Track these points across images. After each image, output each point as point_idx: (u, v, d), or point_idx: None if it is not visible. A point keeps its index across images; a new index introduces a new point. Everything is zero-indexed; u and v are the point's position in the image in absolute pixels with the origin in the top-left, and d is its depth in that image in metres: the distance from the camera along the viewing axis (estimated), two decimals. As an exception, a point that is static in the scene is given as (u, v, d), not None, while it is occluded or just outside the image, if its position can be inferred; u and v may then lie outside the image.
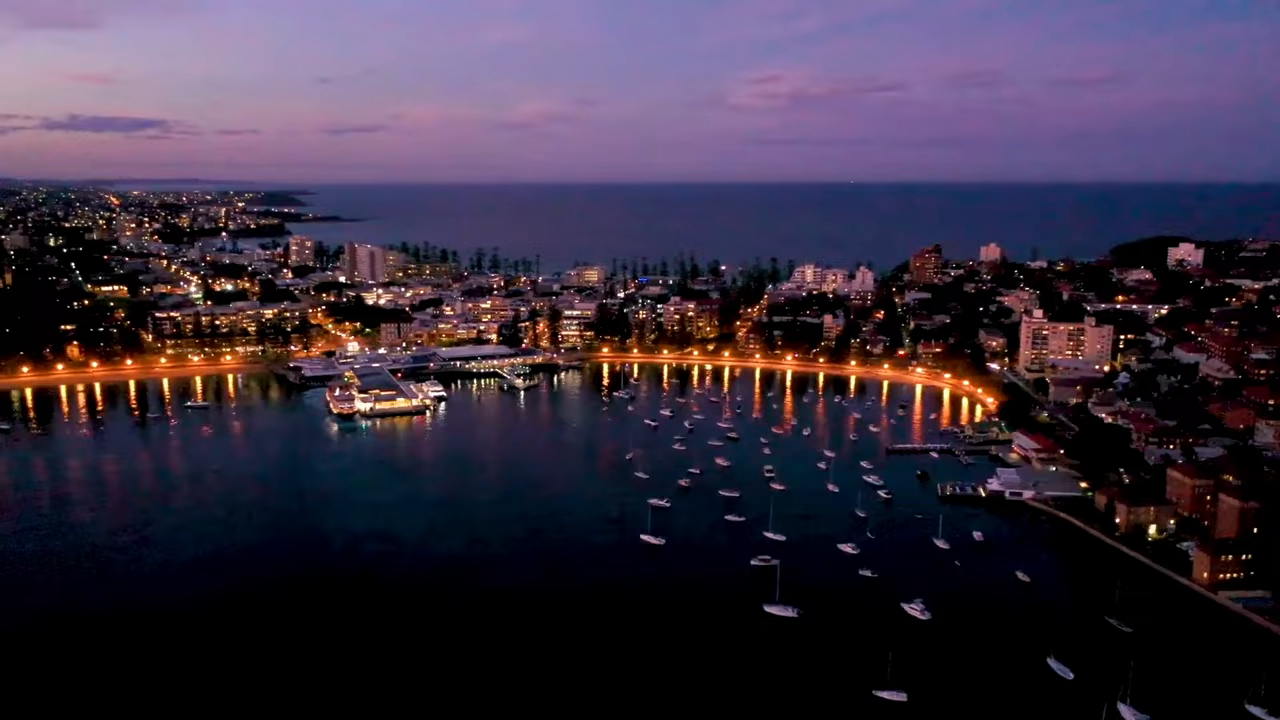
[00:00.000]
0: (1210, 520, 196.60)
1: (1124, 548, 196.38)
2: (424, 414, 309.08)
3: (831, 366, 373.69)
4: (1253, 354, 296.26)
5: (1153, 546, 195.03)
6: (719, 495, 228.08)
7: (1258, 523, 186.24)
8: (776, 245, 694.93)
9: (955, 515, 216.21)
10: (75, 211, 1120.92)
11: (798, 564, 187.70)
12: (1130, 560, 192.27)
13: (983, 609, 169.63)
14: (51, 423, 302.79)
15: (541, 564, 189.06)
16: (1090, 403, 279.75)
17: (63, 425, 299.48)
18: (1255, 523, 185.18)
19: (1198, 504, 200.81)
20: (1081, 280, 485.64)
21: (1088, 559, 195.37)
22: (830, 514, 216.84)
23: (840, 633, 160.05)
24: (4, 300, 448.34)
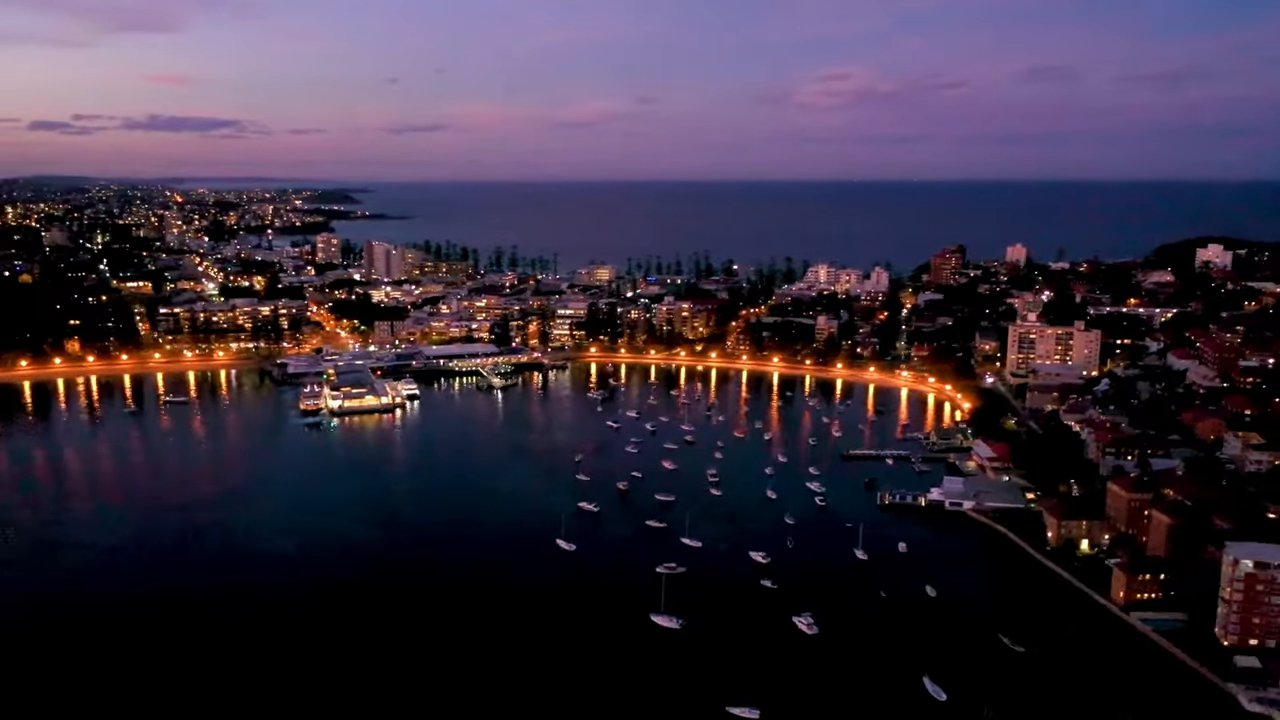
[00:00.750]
0: (1146, 537, 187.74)
1: (1050, 563, 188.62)
2: (393, 412, 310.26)
3: (818, 369, 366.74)
4: (1241, 361, 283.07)
5: (1081, 563, 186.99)
6: (654, 499, 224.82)
7: (1190, 541, 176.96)
8: (812, 244, 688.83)
9: (890, 525, 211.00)
10: (131, 209, 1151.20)
11: (705, 572, 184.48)
12: (1054, 576, 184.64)
13: (877, 624, 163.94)
14: (26, 415, 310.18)
15: (437, 565, 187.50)
16: (1062, 410, 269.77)
17: (35, 418, 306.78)
18: (1186, 541, 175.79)
19: (1134, 519, 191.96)
20: (1101, 281, 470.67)
21: (1009, 574, 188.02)
22: (757, 521, 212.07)
23: (717, 645, 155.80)
24: (23, 294, 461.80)
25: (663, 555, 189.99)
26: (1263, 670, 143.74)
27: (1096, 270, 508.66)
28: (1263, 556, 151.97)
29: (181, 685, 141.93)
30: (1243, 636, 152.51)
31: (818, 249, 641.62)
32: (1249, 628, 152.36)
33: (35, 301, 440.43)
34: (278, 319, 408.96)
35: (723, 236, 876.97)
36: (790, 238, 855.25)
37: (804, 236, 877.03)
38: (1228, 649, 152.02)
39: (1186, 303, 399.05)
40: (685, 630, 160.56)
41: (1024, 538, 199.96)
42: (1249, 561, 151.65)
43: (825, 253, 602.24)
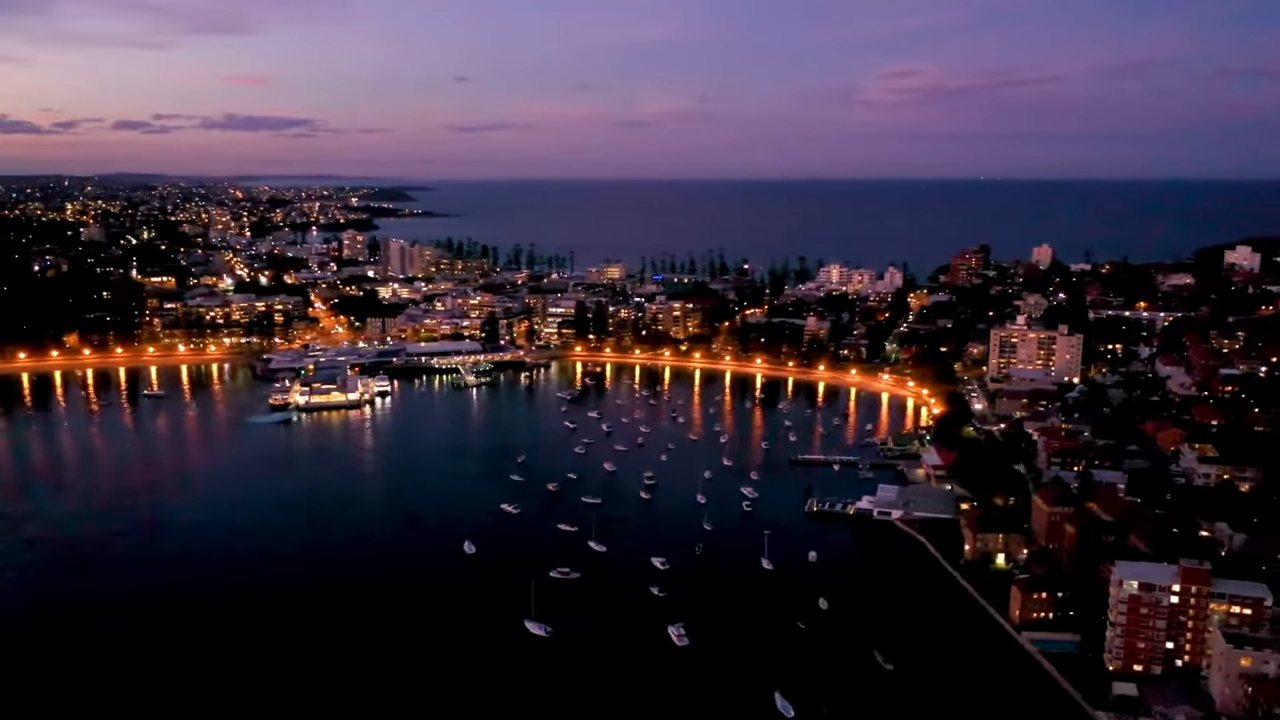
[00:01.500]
0: (1062, 553, 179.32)
1: (960, 577, 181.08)
2: (360, 409, 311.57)
3: (801, 371, 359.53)
4: (1221, 370, 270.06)
5: (992, 577, 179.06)
6: (580, 502, 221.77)
7: (1091, 559, 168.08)
8: (849, 243, 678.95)
9: (813, 533, 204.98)
10: (185, 206, 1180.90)
11: (600, 577, 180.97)
12: (960, 592, 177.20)
13: (752, 637, 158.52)
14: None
15: (331, 566, 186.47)
16: (1025, 417, 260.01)
17: (1, 410, 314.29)
18: (1087, 558, 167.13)
19: (1054, 534, 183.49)
20: (1119, 284, 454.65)
21: (914, 588, 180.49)
22: (675, 526, 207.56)
23: (579, 653, 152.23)
24: (43, 287, 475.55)
25: (563, 559, 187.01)
26: (1137, 700, 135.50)
27: (1117, 272, 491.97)
28: (1149, 577, 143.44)
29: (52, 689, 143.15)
30: (1127, 662, 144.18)
31: (852, 248, 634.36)
32: (1133, 653, 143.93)
33: (52, 295, 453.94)
34: (272, 315, 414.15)
35: (763, 235, 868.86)
36: (831, 237, 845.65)
37: (843, 236, 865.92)
38: (1112, 674, 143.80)
39: (1196, 306, 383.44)
40: (552, 637, 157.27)
41: (943, 550, 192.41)
42: (1134, 583, 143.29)
43: (860, 253, 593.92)
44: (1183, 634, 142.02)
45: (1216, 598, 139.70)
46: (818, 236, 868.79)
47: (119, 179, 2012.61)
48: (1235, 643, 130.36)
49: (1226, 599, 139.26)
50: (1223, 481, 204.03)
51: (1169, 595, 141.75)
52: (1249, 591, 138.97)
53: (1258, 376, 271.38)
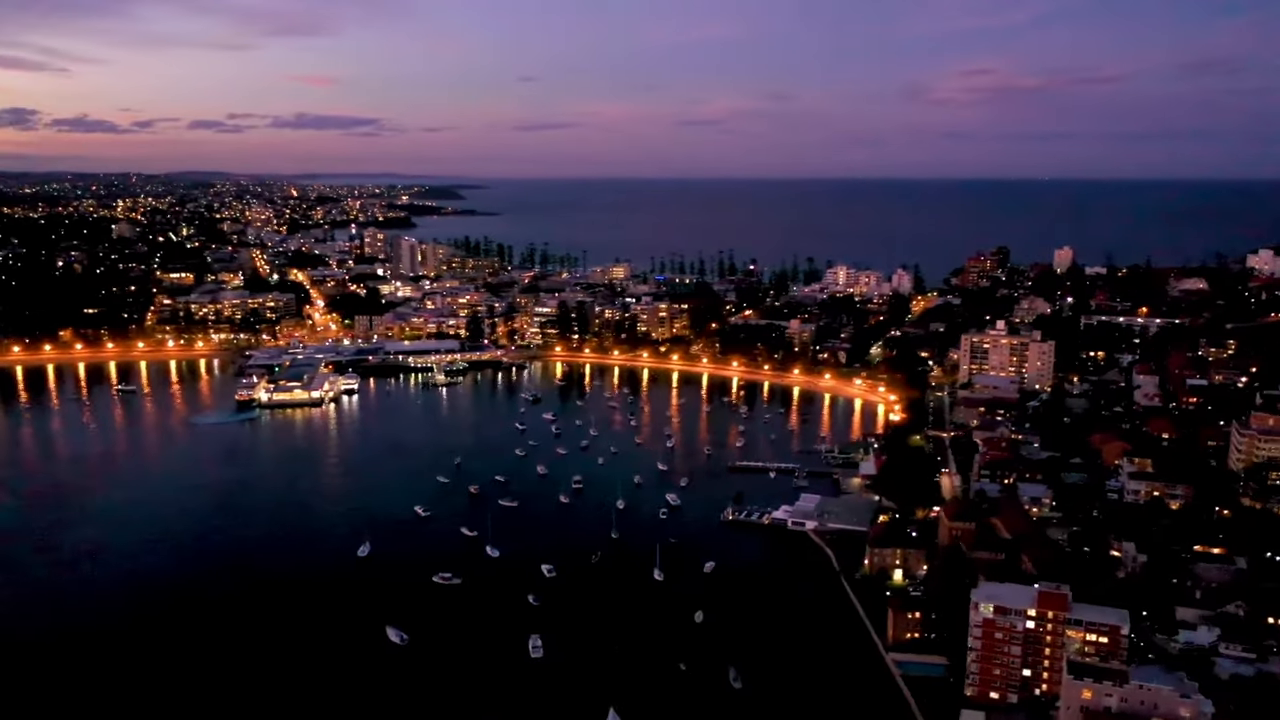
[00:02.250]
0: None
1: (851, 593, 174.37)
2: (322, 406, 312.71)
3: (776, 375, 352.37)
4: (1188, 380, 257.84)
5: (888, 594, 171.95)
6: (498, 505, 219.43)
7: (955, 579, 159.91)
8: (887, 244, 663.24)
9: (721, 543, 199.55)
10: (230, 204, 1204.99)
11: (484, 584, 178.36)
12: (848, 608, 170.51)
13: (610, 649, 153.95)
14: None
15: (221, 568, 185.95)
16: (975, 426, 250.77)
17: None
18: (951, 578, 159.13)
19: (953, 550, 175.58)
20: (1130, 288, 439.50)
21: (802, 603, 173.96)
22: (581, 532, 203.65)
23: (428, 661, 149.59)
24: (57, 282, 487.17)
25: (453, 564, 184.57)
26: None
27: (1131, 276, 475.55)
28: (1005, 600, 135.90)
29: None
30: (983, 689, 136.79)
31: (886, 249, 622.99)
32: (989, 679, 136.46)
33: (60, 290, 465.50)
34: (264, 312, 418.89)
35: (802, 234, 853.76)
36: (870, 237, 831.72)
37: (882, 236, 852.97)
38: (968, 702, 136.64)
39: (1198, 313, 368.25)
40: (407, 645, 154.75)
41: (846, 564, 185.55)
42: (989, 606, 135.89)
43: (893, 254, 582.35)
44: (1040, 661, 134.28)
45: (1073, 624, 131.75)
46: (858, 237, 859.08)
47: (183, 176, 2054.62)
48: (1076, 673, 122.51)
49: (1083, 626, 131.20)
50: (1153, 498, 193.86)
51: (1025, 620, 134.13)
52: (1106, 619, 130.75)
53: (1225, 388, 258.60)
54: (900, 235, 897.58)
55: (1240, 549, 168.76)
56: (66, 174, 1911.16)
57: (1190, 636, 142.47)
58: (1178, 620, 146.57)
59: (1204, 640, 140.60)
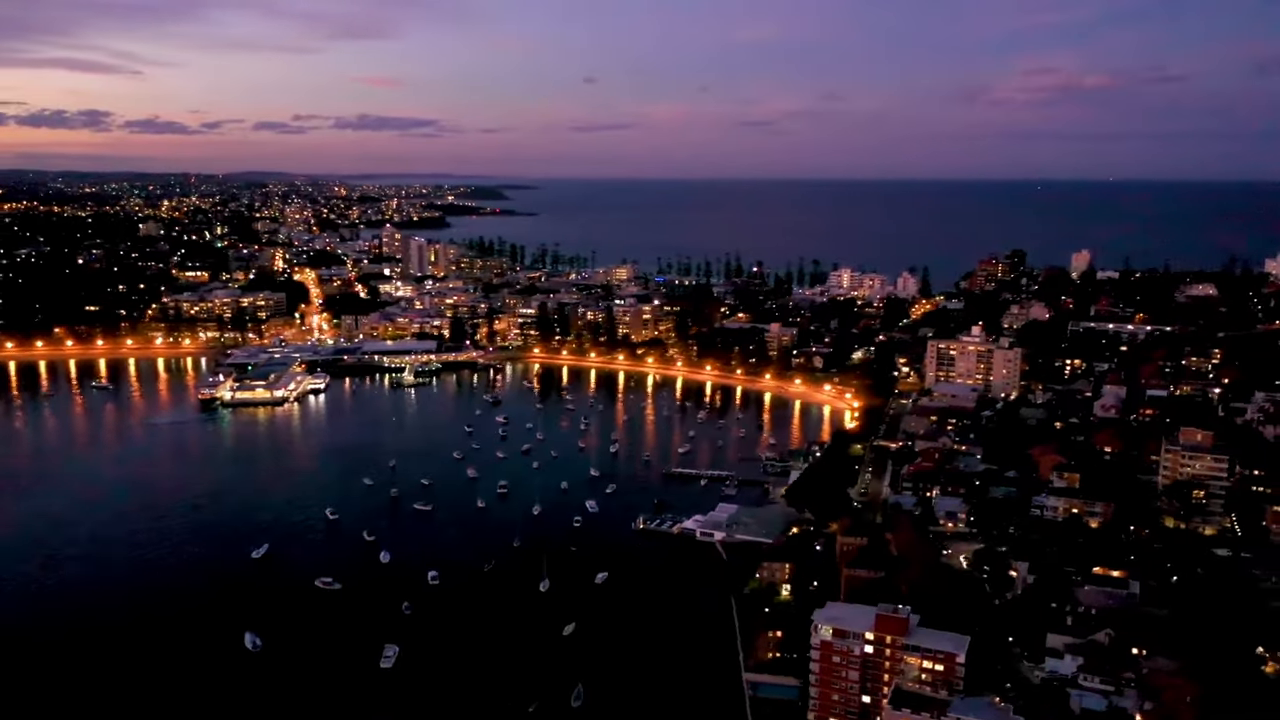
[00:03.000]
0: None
1: (735, 608, 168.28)
2: (283, 405, 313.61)
3: (749, 380, 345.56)
4: (1149, 391, 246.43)
5: (771, 610, 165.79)
6: (411, 509, 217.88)
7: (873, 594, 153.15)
8: (920, 246, 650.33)
9: (626, 554, 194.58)
10: (271, 204, 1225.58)
11: (365, 589, 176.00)
12: (726, 625, 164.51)
13: (466, 663, 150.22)
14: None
15: (105, 571, 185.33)
16: (917, 435, 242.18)
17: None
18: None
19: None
20: (1138, 293, 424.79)
21: (682, 617, 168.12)
22: (485, 539, 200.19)
23: (272, 668, 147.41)
24: (66, 279, 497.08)
25: (341, 569, 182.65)
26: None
27: (1139, 281, 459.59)
28: (845, 623, 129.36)
29: None
30: (823, 713, 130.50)
31: (916, 251, 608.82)
32: (828, 705, 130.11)
33: (73, 286, 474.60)
34: (254, 310, 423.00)
35: (833, 237, 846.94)
36: (903, 239, 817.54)
37: (916, 238, 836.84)
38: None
39: (1196, 319, 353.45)
40: (261, 651, 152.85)
41: (740, 578, 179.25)
42: (828, 628, 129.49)
43: (920, 256, 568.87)
44: (880, 688, 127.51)
45: (911, 650, 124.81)
46: (891, 239, 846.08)
47: (240, 177, 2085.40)
48: (898, 703, 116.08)
49: (920, 652, 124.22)
50: (1071, 516, 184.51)
51: (863, 644, 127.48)
52: (942, 645, 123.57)
53: (1188, 399, 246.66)
54: (935, 238, 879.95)
55: (1148, 572, 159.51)
56: (130, 174, 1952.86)
57: (1056, 665, 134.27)
58: (1048, 647, 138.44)
59: (1067, 669, 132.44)
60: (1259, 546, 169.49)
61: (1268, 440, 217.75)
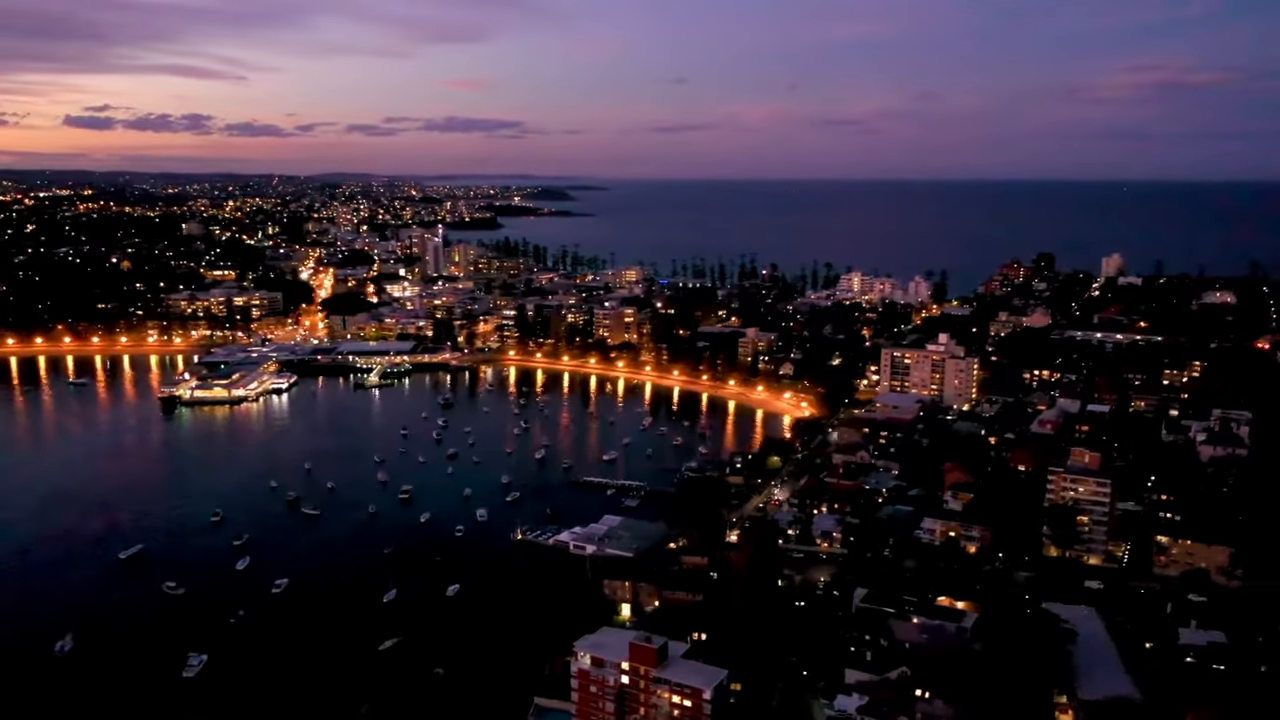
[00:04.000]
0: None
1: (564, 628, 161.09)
2: (242, 404, 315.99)
3: (714, 386, 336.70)
4: (1089, 406, 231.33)
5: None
6: (302, 513, 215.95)
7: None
8: (974, 248, 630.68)
9: (496, 565, 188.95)
10: (330, 204, 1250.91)
11: (206, 594, 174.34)
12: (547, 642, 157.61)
13: (274, 673, 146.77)
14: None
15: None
16: (832, 450, 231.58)
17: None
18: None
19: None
20: (1152, 300, 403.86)
21: (511, 636, 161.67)
22: (359, 548, 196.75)
23: (76, 671, 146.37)
24: (89, 277, 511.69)
25: (197, 574, 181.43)
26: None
27: (1157, 288, 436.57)
28: (604, 651, 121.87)
29: None
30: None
31: (964, 254, 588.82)
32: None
33: (91, 284, 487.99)
34: (249, 309, 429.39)
35: (900, 240, 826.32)
36: (963, 241, 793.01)
37: (974, 240, 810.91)
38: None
39: (1201, 329, 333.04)
40: (69, 653, 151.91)
41: (590, 594, 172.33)
42: (586, 656, 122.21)
43: (962, 260, 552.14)
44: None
45: (660, 683, 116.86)
46: (940, 240, 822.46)
47: (321, 178, 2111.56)
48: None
49: (669, 686, 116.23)
50: (948, 539, 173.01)
51: (619, 674, 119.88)
52: (692, 679, 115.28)
53: (1130, 416, 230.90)
54: (988, 239, 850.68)
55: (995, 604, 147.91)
56: (222, 175, 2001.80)
57: (845, 704, 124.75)
58: (846, 683, 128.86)
59: (852, 708, 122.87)
60: (1136, 580, 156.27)
61: (1201, 462, 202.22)
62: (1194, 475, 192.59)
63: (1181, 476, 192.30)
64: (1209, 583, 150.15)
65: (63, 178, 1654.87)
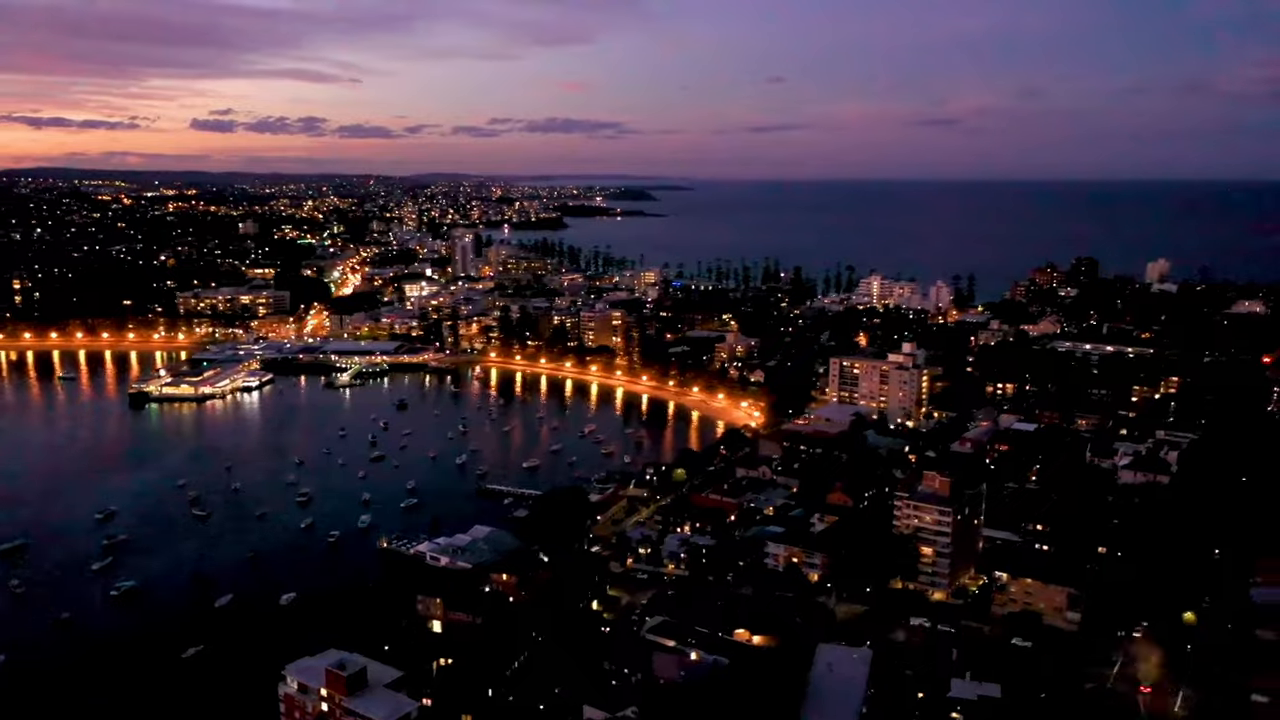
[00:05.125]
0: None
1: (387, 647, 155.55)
2: (207, 402, 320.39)
3: (678, 393, 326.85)
4: (1015, 425, 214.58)
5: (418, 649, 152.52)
6: (190, 515, 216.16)
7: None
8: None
9: (350, 574, 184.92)
10: (404, 204, 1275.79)
11: (45, 598, 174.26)
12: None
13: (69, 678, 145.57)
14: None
15: None
16: (737, 463, 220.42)
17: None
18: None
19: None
20: (1183, 308, 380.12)
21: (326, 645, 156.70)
22: (229, 553, 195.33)
23: None
24: (132, 275, 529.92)
25: (41, 574, 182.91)
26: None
27: (1196, 294, 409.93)
28: (307, 675, 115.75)
29: None
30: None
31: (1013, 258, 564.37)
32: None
33: (126, 281, 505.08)
34: (254, 307, 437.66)
35: (980, 243, 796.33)
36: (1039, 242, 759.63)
37: (1032, 242, 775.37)
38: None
39: (1205, 339, 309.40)
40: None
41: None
42: (294, 680, 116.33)
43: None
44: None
45: (348, 713, 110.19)
46: (1002, 242, 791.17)
47: (417, 179, 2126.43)
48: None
49: (355, 717, 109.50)
50: (790, 565, 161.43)
51: (319, 700, 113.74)
52: (373, 712, 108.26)
53: (1058, 433, 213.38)
54: (1051, 242, 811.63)
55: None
56: (324, 176, 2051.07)
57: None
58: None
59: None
60: (972, 619, 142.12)
61: (1118, 488, 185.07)
62: (1098, 503, 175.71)
63: (1091, 503, 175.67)
64: (1039, 626, 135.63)
65: (179, 178, 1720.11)
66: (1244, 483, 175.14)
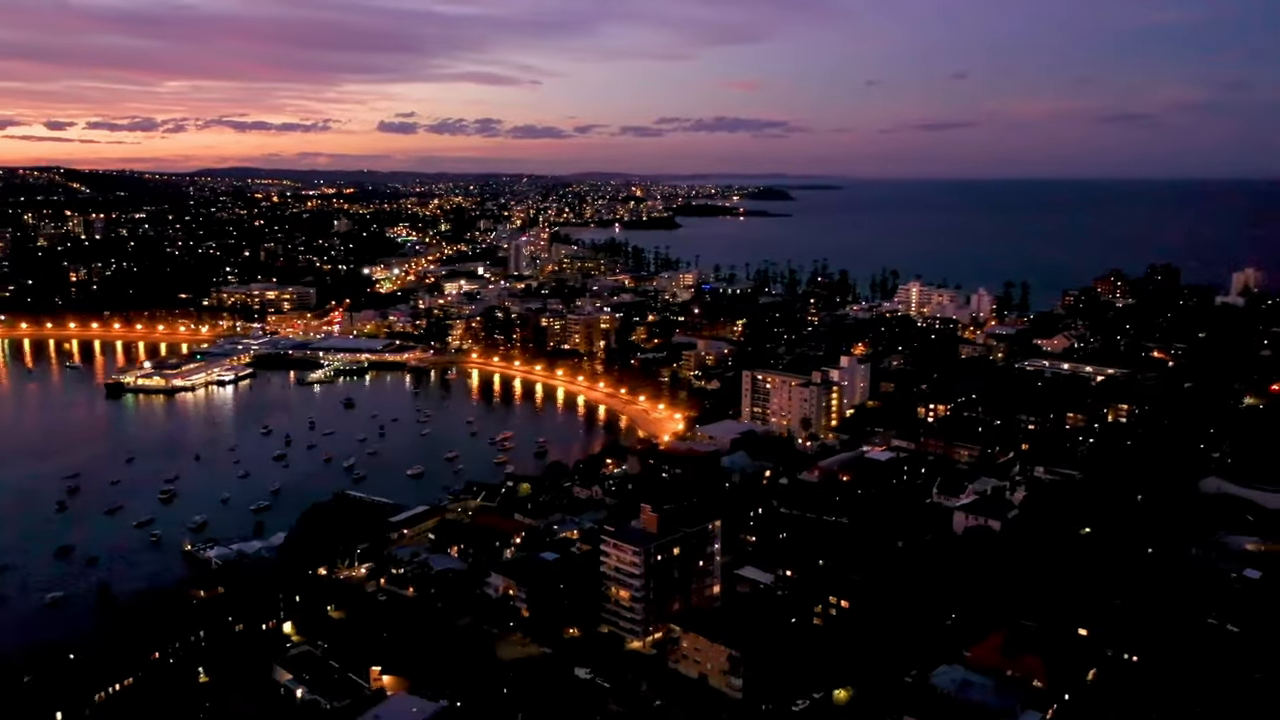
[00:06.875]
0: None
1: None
2: (179, 394, 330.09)
3: (627, 401, 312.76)
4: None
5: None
6: (50, 507, 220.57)
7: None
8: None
9: (140, 578, 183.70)
10: (524, 201, 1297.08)
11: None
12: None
13: None
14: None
15: None
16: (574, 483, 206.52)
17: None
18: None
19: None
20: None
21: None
22: (33, 548, 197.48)
23: None
24: (189, 268, 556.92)
25: None
26: None
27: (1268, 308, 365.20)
28: None
29: None
30: None
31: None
32: None
33: (188, 275, 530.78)
34: (280, 303, 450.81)
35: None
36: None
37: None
38: None
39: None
40: None
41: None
42: None
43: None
44: None
45: None
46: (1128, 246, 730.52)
47: (570, 177, 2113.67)
48: None
49: None
50: (504, 597, 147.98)
51: None
52: None
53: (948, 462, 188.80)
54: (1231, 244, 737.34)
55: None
56: (488, 175, 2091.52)
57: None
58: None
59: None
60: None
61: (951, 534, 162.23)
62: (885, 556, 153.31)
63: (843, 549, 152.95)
64: (703, 689, 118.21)
65: (350, 178, 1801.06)
66: (1068, 538, 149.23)
